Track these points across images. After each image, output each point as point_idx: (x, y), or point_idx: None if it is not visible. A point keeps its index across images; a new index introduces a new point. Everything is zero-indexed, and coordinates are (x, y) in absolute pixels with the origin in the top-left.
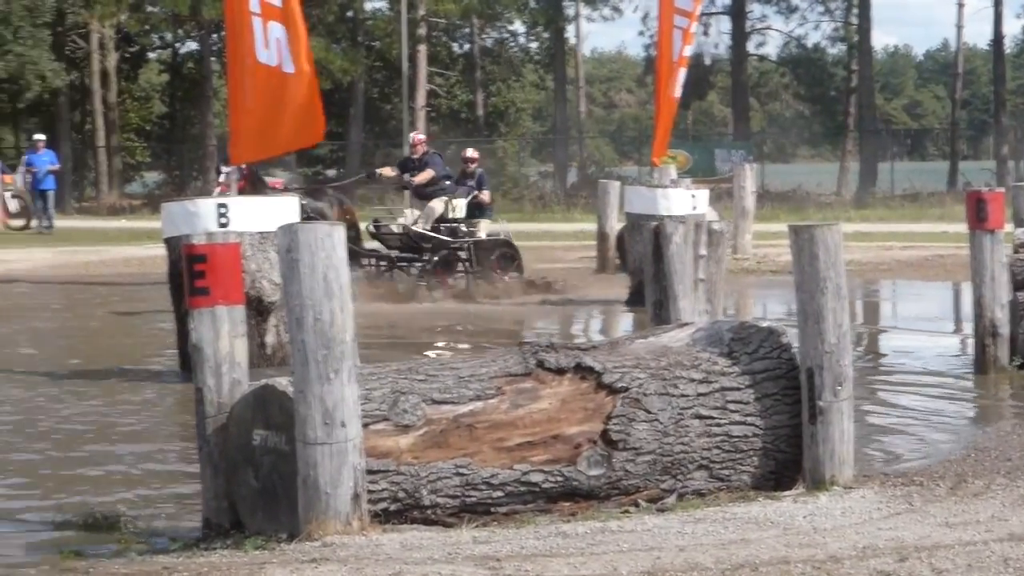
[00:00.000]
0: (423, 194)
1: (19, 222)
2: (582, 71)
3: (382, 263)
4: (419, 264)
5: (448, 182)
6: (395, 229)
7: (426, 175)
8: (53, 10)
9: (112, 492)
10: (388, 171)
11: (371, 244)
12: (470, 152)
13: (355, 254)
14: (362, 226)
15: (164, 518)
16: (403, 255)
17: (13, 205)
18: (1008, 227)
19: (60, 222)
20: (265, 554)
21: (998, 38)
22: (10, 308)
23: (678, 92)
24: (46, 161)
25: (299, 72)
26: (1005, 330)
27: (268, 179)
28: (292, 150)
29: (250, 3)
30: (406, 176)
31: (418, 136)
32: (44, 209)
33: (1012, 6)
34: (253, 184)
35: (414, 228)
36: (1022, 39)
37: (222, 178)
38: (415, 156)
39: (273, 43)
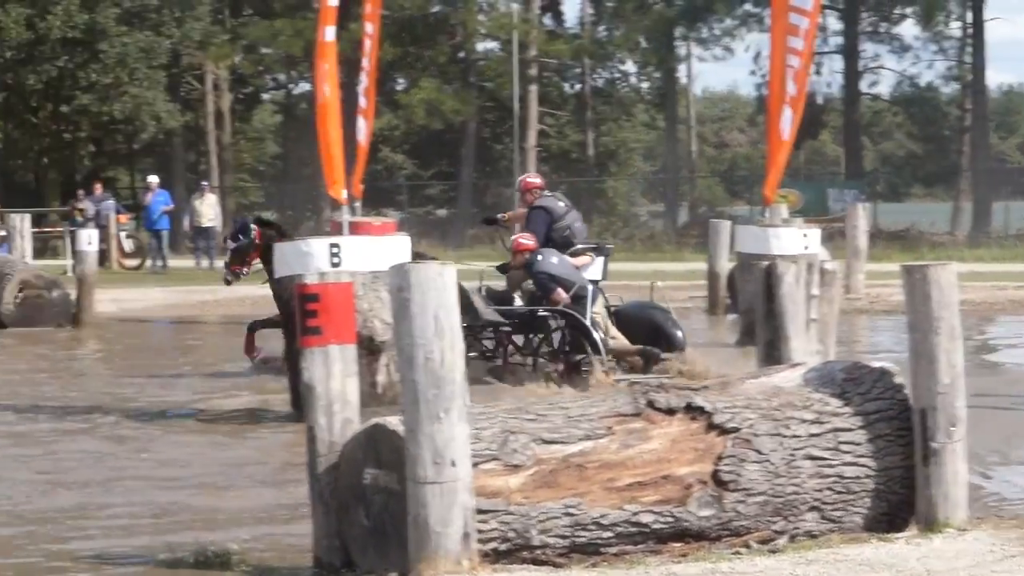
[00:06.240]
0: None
1: (134, 262)
2: (693, 111)
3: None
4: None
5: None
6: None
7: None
8: (168, 52)
9: (224, 531)
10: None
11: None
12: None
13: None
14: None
15: (276, 557)
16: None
17: (128, 245)
18: None
19: (174, 262)
20: None
21: None
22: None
23: (788, 134)
24: (160, 202)
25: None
26: None
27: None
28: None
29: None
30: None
31: (529, 179)
32: (159, 249)
33: None
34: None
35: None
36: None
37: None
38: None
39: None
